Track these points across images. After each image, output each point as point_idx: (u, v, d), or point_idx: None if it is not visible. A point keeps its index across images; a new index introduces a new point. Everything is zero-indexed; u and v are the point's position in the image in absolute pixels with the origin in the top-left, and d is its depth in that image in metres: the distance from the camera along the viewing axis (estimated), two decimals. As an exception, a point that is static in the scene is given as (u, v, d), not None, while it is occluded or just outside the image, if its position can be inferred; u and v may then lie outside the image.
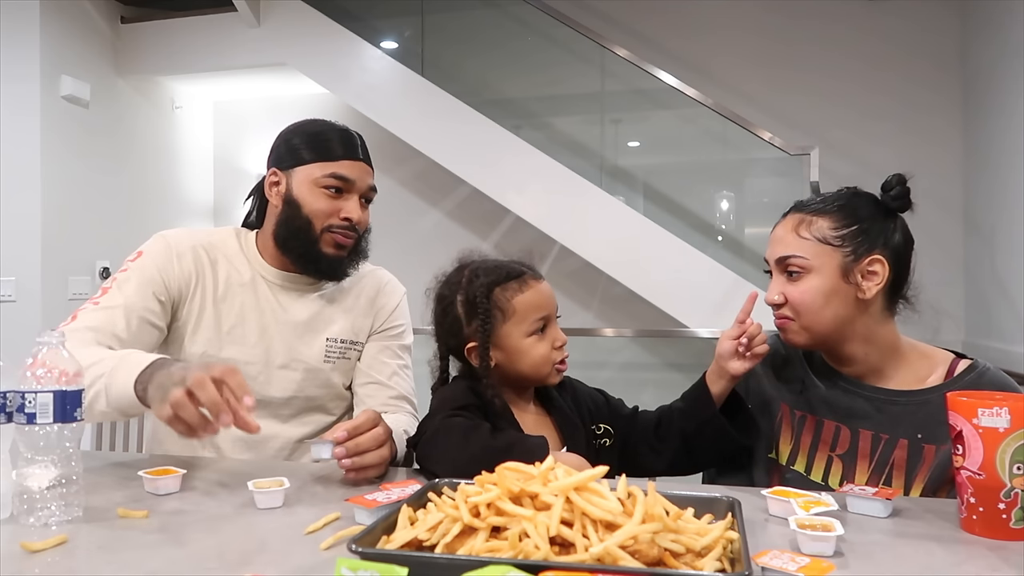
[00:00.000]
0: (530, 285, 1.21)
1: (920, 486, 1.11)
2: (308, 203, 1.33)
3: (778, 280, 1.18)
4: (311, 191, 1.33)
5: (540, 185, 3.85)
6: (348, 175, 1.34)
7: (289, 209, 1.34)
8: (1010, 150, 3.35)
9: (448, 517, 0.75)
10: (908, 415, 1.13)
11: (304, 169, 1.34)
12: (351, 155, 1.35)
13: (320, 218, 1.33)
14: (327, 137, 1.36)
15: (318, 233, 1.34)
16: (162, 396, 0.98)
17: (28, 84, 3.69)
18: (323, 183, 1.33)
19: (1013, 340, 3.26)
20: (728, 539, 0.74)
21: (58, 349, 0.91)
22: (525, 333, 1.19)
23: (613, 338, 4.03)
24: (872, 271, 1.13)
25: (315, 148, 1.34)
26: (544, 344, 1.19)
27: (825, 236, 1.14)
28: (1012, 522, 0.84)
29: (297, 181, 1.35)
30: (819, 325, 1.14)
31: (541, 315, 1.19)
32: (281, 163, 1.37)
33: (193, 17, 4.30)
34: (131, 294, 1.28)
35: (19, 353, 0.91)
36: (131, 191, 4.31)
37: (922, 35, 4.01)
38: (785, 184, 4.06)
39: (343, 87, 4.15)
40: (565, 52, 4.21)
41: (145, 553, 0.80)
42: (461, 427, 1.08)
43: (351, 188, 1.35)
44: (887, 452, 1.13)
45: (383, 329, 1.47)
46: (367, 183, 1.37)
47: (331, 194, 1.33)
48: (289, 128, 1.40)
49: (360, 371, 1.44)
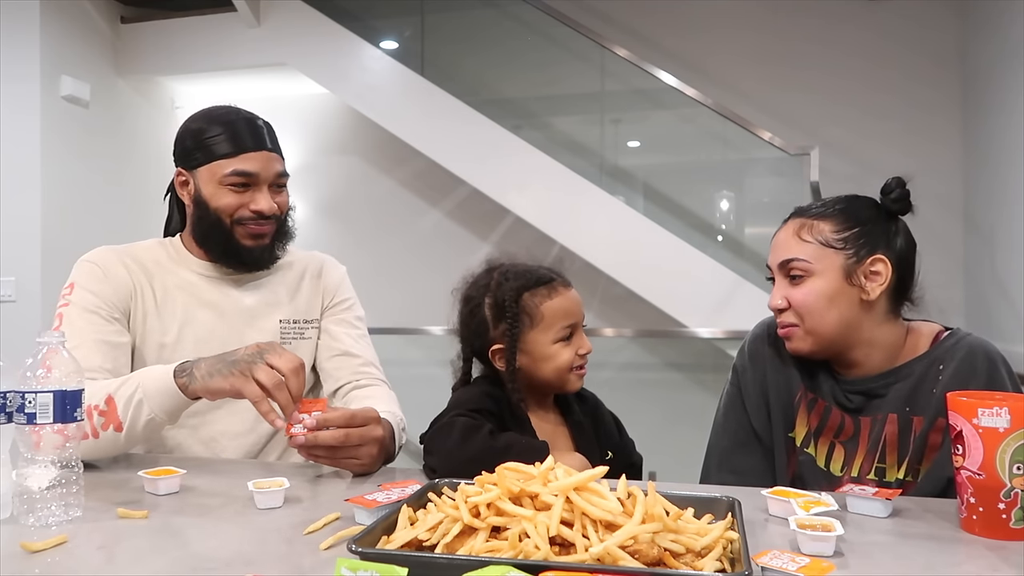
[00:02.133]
0: (559, 292, 1.21)
1: (907, 458, 1.11)
2: (214, 200, 1.32)
3: (781, 285, 1.18)
4: (216, 189, 1.32)
5: (540, 185, 3.85)
6: (250, 169, 1.31)
7: (199, 209, 1.34)
8: (1010, 149, 3.35)
9: (448, 517, 0.75)
10: (895, 391, 1.14)
11: (207, 168, 1.32)
12: (252, 146, 1.32)
13: (228, 214, 1.32)
14: (221, 133, 1.32)
15: (230, 227, 1.33)
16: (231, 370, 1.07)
17: (28, 84, 3.69)
18: (226, 181, 1.31)
19: (1013, 340, 3.26)
20: (728, 539, 0.74)
21: (58, 349, 0.91)
22: (552, 339, 1.19)
23: (613, 338, 4.04)
24: (875, 272, 1.13)
25: (210, 147, 1.32)
26: (569, 351, 1.20)
27: (827, 239, 1.14)
28: (1012, 522, 0.84)
29: (203, 180, 1.33)
30: (823, 328, 1.14)
31: (569, 322, 1.20)
32: (184, 163, 1.36)
33: (193, 17, 4.30)
34: (84, 327, 1.26)
35: (19, 353, 0.91)
36: (131, 191, 4.30)
37: (922, 34, 4.01)
38: (785, 184, 4.06)
39: (343, 87, 4.15)
40: (565, 52, 4.21)
41: (145, 553, 0.80)
42: (463, 426, 1.08)
43: (256, 180, 1.32)
44: (878, 430, 1.14)
45: (334, 304, 1.48)
46: (274, 171, 1.35)
47: (237, 189, 1.32)
48: (186, 125, 1.37)
49: (323, 347, 1.45)
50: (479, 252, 1.31)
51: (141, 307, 1.34)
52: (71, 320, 1.27)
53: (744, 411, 1.26)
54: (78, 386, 0.90)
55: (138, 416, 1.12)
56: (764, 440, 1.24)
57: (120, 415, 1.12)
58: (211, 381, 1.08)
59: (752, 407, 1.25)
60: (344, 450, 1.10)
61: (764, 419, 1.24)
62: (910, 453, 1.11)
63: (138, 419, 1.12)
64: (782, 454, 1.22)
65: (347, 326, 1.47)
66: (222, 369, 1.08)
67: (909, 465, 1.11)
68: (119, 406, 1.12)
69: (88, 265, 1.33)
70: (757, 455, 1.24)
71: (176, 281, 1.37)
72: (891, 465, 1.12)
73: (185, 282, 1.37)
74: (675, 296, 3.64)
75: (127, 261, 1.35)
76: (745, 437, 1.25)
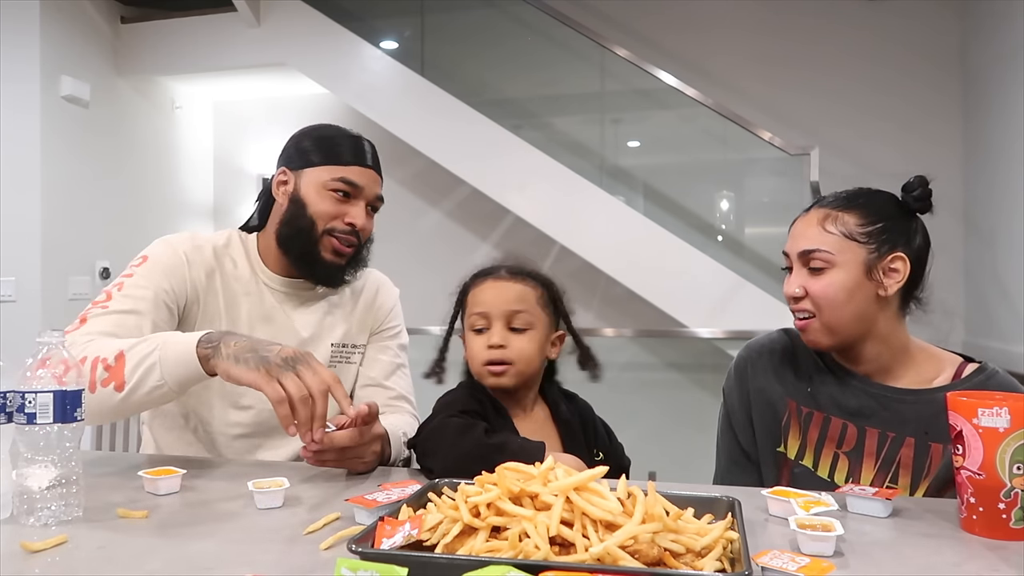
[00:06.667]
0: (488, 282, 1.23)
1: (926, 484, 1.11)
2: (314, 203, 1.33)
3: (799, 273, 1.17)
4: (318, 192, 1.33)
5: (540, 185, 3.85)
6: (357, 181, 1.34)
7: (294, 208, 1.34)
8: (1010, 150, 3.35)
9: (448, 517, 0.75)
10: (915, 413, 1.14)
11: (313, 171, 1.34)
12: (361, 162, 1.36)
13: (324, 219, 1.33)
14: (339, 142, 1.36)
15: (319, 235, 1.33)
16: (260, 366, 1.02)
17: (28, 84, 3.69)
18: (331, 186, 1.33)
19: (1013, 340, 3.26)
20: (728, 539, 0.74)
21: (58, 349, 0.90)
22: (468, 327, 1.23)
23: (613, 338, 4.04)
24: (894, 269, 1.14)
25: (326, 152, 1.35)
26: (478, 341, 1.21)
27: (851, 232, 1.14)
28: (1012, 522, 0.84)
29: (305, 182, 1.34)
30: (840, 321, 1.14)
31: (479, 310, 1.21)
32: (291, 163, 1.37)
33: (193, 17, 4.30)
34: (142, 299, 1.25)
35: (19, 353, 0.91)
36: (131, 191, 4.31)
37: (922, 35, 4.01)
38: (785, 184, 4.06)
39: (343, 87, 4.15)
40: (565, 52, 4.21)
41: (145, 553, 0.80)
42: (456, 426, 1.09)
43: (358, 194, 1.35)
44: (894, 450, 1.14)
45: (381, 329, 1.48)
46: (375, 192, 1.38)
47: (338, 197, 1.33)
48: (302, 130, 1.40)
49: (360, 374, 1.45)
50: (479, 252, 1.32)
51: (211, 306, 1.33)
52: (135, 286, 1.25)
53: (733, 432, 1.30)
54: (78, 386, 0.90)
55: (145, 380, 1.06)
56: (753, 458, 1.27)
57: (126, 374, 1.07)
58: (235, 367, 1.04)
59: (739, 427, 1.29)
60: (353, 450, 1.10)
61: (750, 437, 1.27)
62: (931, 480, 1.11)
63: (144, 383, 1.06)
64: (771, 469, 1.24)
65: (389, 354, 1.47)
66: (250, 361, 1.03)
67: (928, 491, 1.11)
68: (128, 364, 1.07)
69: (169, 248, 1.32)
70: (750, 472, 1.27)
71: (244, 288, 1.36)
72: (903, 486, 1.13)
73: (254, 291, 1.37)
74: (675, 296, 3.64)
75: (207, 257, 1.34)
76: (738, 455, 1.29)
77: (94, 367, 1.08)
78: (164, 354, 1.06)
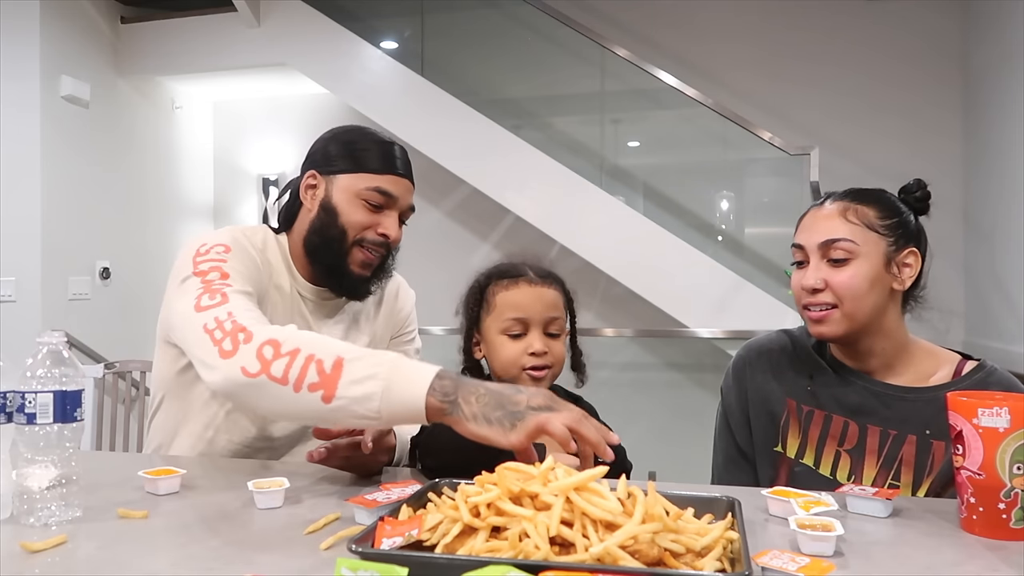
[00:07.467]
0: (520, 286, 1.22)
1: (929, 482, 1.12)
2: (346, 213, 1.26)
3: (818, 265, 1.16)
4: (351, 201, 1.26)
5: (540, 185, 3.85)
6: (392, 191, 1.28)
7: (325, 216, 1.27)
8: (1010, 150, 3.35)
9: (448, 517, 0.75)
10: (916, 412, 1.14)
11: (346, 178, 1.27)
12: (396, 170, 1.29)
13: (355, 230, 1.27)
14: (373, 149, 1.29)
15: (349, 245, 1.27)
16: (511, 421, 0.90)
17: (28, 84, 3.70)
18: (365, 195, 1.26)
19: (1013, 340, 3.26)
20: (728, 539, 0.74)
21: (58, 349, 0.90)
22: (499, 330, 1.22)
23: (613, 338, 4.04)
24: (907, 263, 1.15)
25: (360, 158, 1.28)
26: (515, 347, 1.20)
27: (872, 223, 1.15)
28: (1012, 522, 0.84)
29: (338, 188, 1.27)
30: (861, 312, 1.14)
31: (517, 315, 1.20)
32: (321, 167, 1.30)
33: (193, 17, 4.31)
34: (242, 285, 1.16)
35: (19, 353, 0.91)
36: (131, 191, 4.31)
37: (922, 35, 4.01)
38: (785, 184, 4.06)
39: (343, 87, 4.15)
40: (565, 52, 4.21)
41: (145, 553, 0.80)
42: None
43: (392, 204, 1.29)
44: (895, 448, 1.14)
45: (400, 334, 1.47)
46: (408, 201, 1.32)
47: (371, 207, 1.27)
48: (332, 132, 1.33)
49: None
50: (479, 252, 1.32)
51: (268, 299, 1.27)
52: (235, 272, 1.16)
53: (730, 430, 1.31)
54: (78, 386, 0.90)
55: (358, 404, 0.93)
56: (750, 457, 1.28)
57: (340, 387, 0.94)
58: (484, 428, 0.91)
59: (736, 426, 1.30)
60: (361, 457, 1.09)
61: (747, 436, 1.28)
62: (934, 477, 1.11)
63: (355, 407, 0.94)
64: (769, 468, 1.24)
65: None
66: (504, 421, 0.90)
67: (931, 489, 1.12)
68: (345, 377, 0.94)
69: (242, 239, 1.25)
70: (746, 471, 1.28)
71: (283, 296, 1.31)
72: (905, 484, 1.13)
73: (289, 298, 1.32)
74: (675, 296, 3.64)
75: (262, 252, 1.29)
76: (735, 454, 1.30)
77: (306, 365, 0.96)
78: (389, 386, 0.93)
